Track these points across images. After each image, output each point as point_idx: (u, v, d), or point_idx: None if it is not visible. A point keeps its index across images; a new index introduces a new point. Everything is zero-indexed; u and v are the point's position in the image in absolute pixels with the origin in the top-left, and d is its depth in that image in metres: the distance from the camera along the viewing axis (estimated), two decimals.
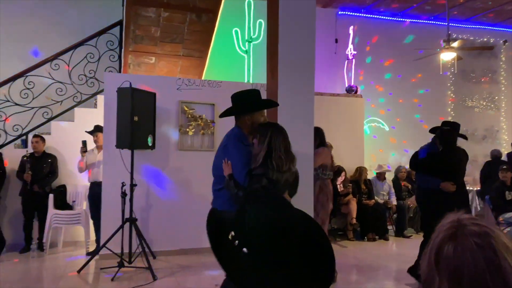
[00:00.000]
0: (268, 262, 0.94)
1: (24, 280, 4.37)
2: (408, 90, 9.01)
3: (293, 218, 0.98)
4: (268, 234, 0.96)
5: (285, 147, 2.60)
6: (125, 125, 4.84)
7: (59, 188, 6.17)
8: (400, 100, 9.00)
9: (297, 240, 0.96)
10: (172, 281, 4.48)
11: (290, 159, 2.60)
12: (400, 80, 8.98)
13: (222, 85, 5.96)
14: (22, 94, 6.32)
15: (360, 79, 8.66)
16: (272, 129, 2.63)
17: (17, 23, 7.48)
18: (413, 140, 9.12)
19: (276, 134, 2.60)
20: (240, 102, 2.86)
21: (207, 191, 5.68)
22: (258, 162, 2.54)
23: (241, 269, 0.98)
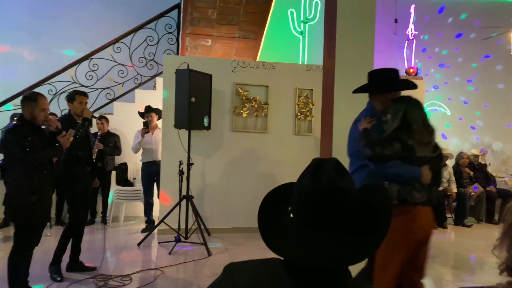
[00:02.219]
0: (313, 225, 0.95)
1: (90, 250, 4.69)
2: (471, 73, 8.50)
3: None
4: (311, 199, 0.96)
5: (423, 119, 2.41)
6: (183, 106, 4.99)
7: (121, 165, 6.52)
8: (463, 84, 8.51)
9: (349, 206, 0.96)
10: (225, 257, 4.62)
11: (429, 131, 2.42)
12: (462, 63, 8.48)
13: (276, 66, 5.95)
14: (87, 76, 6.69)
15: (420, 61, 8.28)
16: (407, 102, 2.43)
17: (81, 8, 7.87)
18: (476, 125, 8.62)
19: (411, 107, 2.41)
20: (379, 80, 2.70)
21: (260, 171, 5.82)
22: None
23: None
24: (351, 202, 0.97)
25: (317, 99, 5.87)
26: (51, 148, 3.36)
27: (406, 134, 2.34)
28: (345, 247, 0.93)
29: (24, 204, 3.17)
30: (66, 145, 3.47)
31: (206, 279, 3.92)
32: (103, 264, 4.22)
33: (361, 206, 0.99)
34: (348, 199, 0.96)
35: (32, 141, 3.22)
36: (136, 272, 4.01)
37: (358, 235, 0.96)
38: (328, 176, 0.97)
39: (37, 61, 7.46)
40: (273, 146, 5.91)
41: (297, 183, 1.03)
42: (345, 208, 0.96)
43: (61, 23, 7.78)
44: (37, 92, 3.57)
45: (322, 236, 0.94)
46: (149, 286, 3.69)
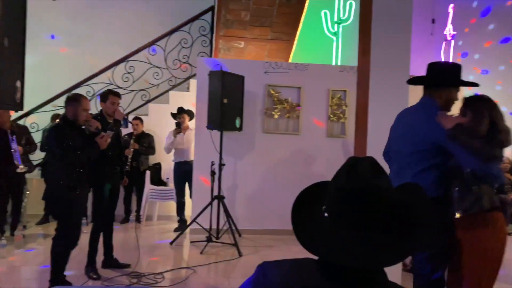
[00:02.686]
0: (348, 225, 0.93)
1: (124, 247, 4.81)
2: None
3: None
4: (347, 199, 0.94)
5: (502, 119, 2.30)
6: (215, 107, 5.04)
7: (155, 165, 6.65)
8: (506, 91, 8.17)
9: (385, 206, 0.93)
10: (256, 259, 4.61)
11: (509, 131, 2.30)
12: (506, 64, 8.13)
13: (309, 68, 5.91)
14: (123, 78, 6.86)
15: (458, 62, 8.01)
16: (487, 102, 2.32)
17: (118, 12, 8.09)
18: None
19: (492, 106, 2.31)
20: (442, 74, 2.56)
21: (291, 174, 5.79)
22: (479, 135, 2.22)
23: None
24: (388, 201, 0.94)
25: (350, 100, 5.79)
26: (89, 148, 3.47)
27: (498, 135, 2.21)
28: (381, 248, 0.91)
29: (62, 201, 3.28)
30: (103, 146, 3.57)
31: (237, 279, 3.93)
32: (137, 262, 4.31)
33: (398, 206, 0.96)
34: (385, 198, 0.94)
35: (72, 141, 3.34)
36: (169, 271, 4.08)
37: (395, 236, 0.93)
38: (364, 174, 0.95)
39: (76, 63, 7.72)
40: (305, 148, 5.87)
41: (332, 182, 1.01)
42: (382, 208, 0.93)
43: (98, 27, 8.03)
44: (79, 93, 3.71)
45: (357, 235, 0.92)
46: (181, 284, 3.74)
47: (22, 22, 2.57)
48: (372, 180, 0.94)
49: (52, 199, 3.38)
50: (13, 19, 2.41)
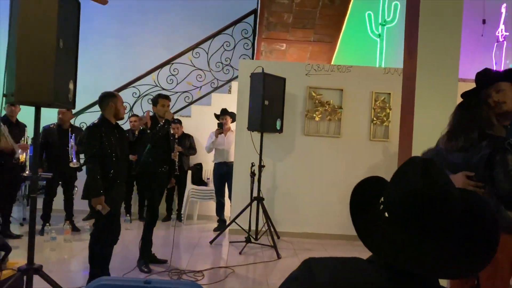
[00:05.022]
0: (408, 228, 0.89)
1: (165, 245, 4.92)
2: None
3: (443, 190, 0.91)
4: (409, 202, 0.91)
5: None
6: (256, 109, 5.07)
7: (196, 166, 6.78)
8: None
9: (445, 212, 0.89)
10: (295, 261, 4.59)
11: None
12: None
13: (352, 70, 5.82)
14: (168, 80, 7.05)
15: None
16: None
17: (163, 16, 8.32)
18: None
19: None
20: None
21: (332, 177, 5.72)
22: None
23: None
24: (458, 210, 0.91)
25: (395, 103, 5.64)
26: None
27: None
28: (449, 259, 0.87)
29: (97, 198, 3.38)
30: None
31: (275, 281, 3.93)
32: (178, 259, 4.40)
33: (468, 217, 0.92)
34: (458, 207, 0.90)
35: (105, 140, 3.39)
36: (208, 269, 4.14)
37: (463, 248, 0.89)
38: (438, 179, 0.92)
39: (123, 66, 8.01)
40: (347, 151, 5.78)
41: (398, 182, 0.97)
42: (454, 217, 0.90)
43: (145, 31, 8.30)
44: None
45: (426, 241, 0.88)
46: (220, 283, 3.78)
47: (75, 25, 2.71)
48: (448, 187, 0.92)
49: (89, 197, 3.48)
50: (68, 22, 2.55)
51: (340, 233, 5.47)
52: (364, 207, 1.02)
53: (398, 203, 0.94)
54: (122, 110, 3.56)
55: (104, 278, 1.51)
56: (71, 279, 3.73)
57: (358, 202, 1.04)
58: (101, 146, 3.34)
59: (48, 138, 5.23)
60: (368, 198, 1.04)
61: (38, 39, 2.28)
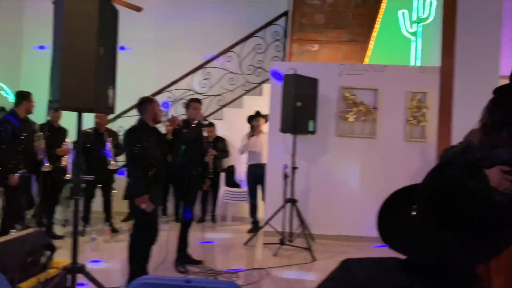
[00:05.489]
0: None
1: (201, 246, 5.01)
2: None
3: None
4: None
5: None
6: (289, 110, 5.08)
7: (229, 168, 6.84)
8: None
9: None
10: (330, 264, 4.49)
11: None
12: None
13: (386, 69, 5.72)
14: (201, 84, 7.17)
15: None
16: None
17: (196, 21, 8.46)
18: None
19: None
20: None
21: (367, 179, 5.63)
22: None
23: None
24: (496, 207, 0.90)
25: (432, 102, 5.49)
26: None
27: None
28: (476, 249, 0.87)
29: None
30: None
31: (311, 283, 3.91)
32: (213, 260, 4.46)
33: (502, 211, 0.92)
34: (492, 203, 0.90)
35: (145, 142, 3.50)
36: (243, 270, 4.17)
37: (488, 238, 0.89)
38: (449, 174, 0.92)
39: (158, 71, 8.20)
40: (382, 152, 5.68)
41: (447, 182, 0.96)
42: (487, 212, 0.89)
43: (179, 36, 8.46)
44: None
45: (454, 236, 0.88)
46: (255, 285, 3.80)
47: (114, 33, 2.81)
48: (453, 180, 0.92)
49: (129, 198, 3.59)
50: (107, 31, 2.65)
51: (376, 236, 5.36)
52: (396, 215, 1.02)
53: (419, 198, 0.95)
54: (159, 113, 3.67)
55: (145, 277, 1.56)
56: (111, 278, 3.85)
57: (388, 211, 1.04)
58: (140, 148, 3.45)
59: (86, 142, 5.43)
60: (401, 206, 1.04)
61: (81, 48, 2.38)
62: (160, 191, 3.73)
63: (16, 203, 4.57)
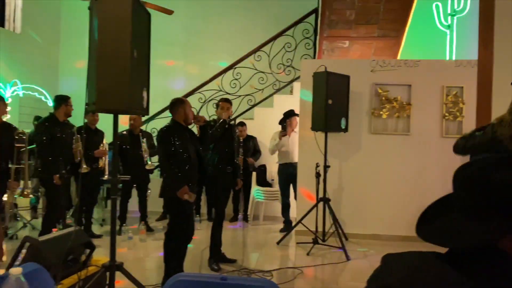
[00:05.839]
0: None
1: (234, 245, 5.04)
2: None
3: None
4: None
5: None
6: (320, 108, 5.03)
7: (260, 167, 6.85)
8: None
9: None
10: (365, 263, 4.48)
11: None
12: None
13: (420, 64, 5.57)
14: (231, 84, 7.22)
15: None
16: None
17: (225, 23, 8.53)
18: None
19: None
20: None
21: (401, 177, 5.51)
22: None
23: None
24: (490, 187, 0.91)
25: (469, 97, 5.31)
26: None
27: None
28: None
29: (174, 197, 3.54)
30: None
31: (345, 283, 3.86)
32: (246, 259, 4.48)
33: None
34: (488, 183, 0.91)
35: (178, 141, 3.57)
36: (277, 269, 4.17)
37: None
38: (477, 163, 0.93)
39: (189, 72, 8.33)
40: (417, 149, 5.54)
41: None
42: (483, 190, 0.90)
43: (209, 38, 8.56)
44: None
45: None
46: (289, 283, 3.79)
47: (147, 36, 2.87)
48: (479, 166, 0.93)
49: (165, 196, 3.66)
50: (140, 34, 2.71)
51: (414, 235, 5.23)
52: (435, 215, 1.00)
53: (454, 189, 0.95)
54: (190, 114, 3.74)
55: (182, 274, 1.59)
56: (148, 276, 3.93)
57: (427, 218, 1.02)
58: (174, 146, 3.52)
59: (122, 144, 5.58)
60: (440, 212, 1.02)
61: (115, 51, 2.44)
62: (194, 190, 3.79)
63: (56, 203, 4.75)
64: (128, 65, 2.45)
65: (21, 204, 6.06)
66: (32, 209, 6.21)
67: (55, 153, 4.66)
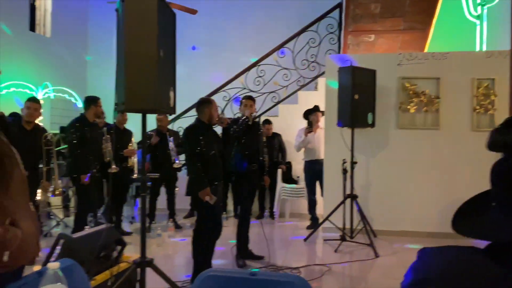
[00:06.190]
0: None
1: (260, 242, 5.04)
2: None
3: None
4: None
5: None
6: (346, 104, 4.97)
7: (286, 164, 6.83)
8: None
9: None
10: (394, 260, 4.41)
11: None
12: None
13: (448, 56, 5.43)
14: (255, 82, 7.22)
15: None
16: None
17: (248, 21, 8.54)
18: None
19: None
20: None
21: (430, 172, 5.39)
22: None
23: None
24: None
25: (501, 89, 5.13)
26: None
27: None
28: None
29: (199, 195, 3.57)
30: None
31: (375, 280, 3.82)
32: (273, 256, 4.49)
33: None
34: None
35: (202, 140, 3.61)
36: (304, 266, 4.16)
37: None
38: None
39: (213, 71, 8.38)
40: (447, 144, 5.40)
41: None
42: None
43: (232, 36, 8.60)
44: (208, 97, 4.08)
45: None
46: (317, 280, 3.77)
47: (172, 36, 2.90)
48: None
49: (192, 194, 3.71)
50: (166, 34, 2.74)
51: (443, 231, 5.12)
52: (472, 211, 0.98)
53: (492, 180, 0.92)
54: (215, 115, 3.78)
55: (212, 269, 1.60)
56: (177, 272, 4.00)
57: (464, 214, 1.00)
58: (199, 146, 3.57)
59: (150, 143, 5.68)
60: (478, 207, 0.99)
61: (142, 51, 2.49)
62: (220, 187, 3.82)
63: (87, 201, 4.88)
64: (155, 65, 2.49)
65: (54, 203, 6.26)
66: (64, 208, 6.41)
67: (85, 153, 4.78)
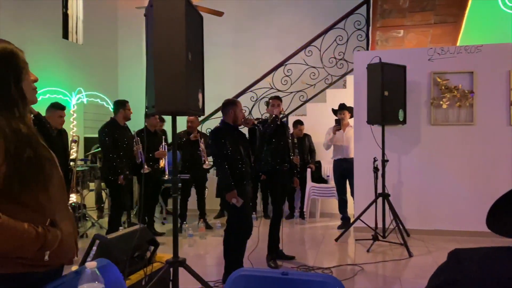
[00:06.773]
0: None
1: (291, 242, 5.03)
2: None
3: None
4: None
5: None
6: (376, 101, 4.88)
7: (315, 163, 6.78)
8: None
9: None
10: (428, 260, 4.29)
11: None
12: None
13: (482, 49, 5.25)
14: (282, 81, 7.20)
15: None
16: None
17: (274, 20, 8.53)
18: None
19: None
20: None
21: (465, 169, 5.22)
22: None
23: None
24: None
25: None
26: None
27: None
28: None
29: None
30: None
31: (408, 280, 3.73)
32: (304, 256, 4.47)
33: None
34: None
35: (229, 141, 3.63)
36: (336, 266, 4.11)
37: None
38: None
39: (240, 72, 8.42)
40: (482, 140, 5.22)
41: None
42: None
43: (258, 36, 8.61)
44: (234, 98, 4.09)
45: None
46: (350, 280, 3.72)
47: (200, 38, 2.93)
48: None
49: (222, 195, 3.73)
50: (194, 36, 2.77)
51: (479, 230, 4.95)
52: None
53: None
54: (240, 116, 3.79)
55: (243, 269, 1.61)
56: (208, 272, 4.03)
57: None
58: (225, 148, 3.59)
59: (180, 145, 5.77)
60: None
61: (171, 55, 2.52)
62: (249, 187, 3.83)
63: (120, 202, 5.00)
64: (184, 67, 2.52)
65: (88, 205, 6.44)
66: (98, 209, 6.59)
67: (118, 155, 4.90)
